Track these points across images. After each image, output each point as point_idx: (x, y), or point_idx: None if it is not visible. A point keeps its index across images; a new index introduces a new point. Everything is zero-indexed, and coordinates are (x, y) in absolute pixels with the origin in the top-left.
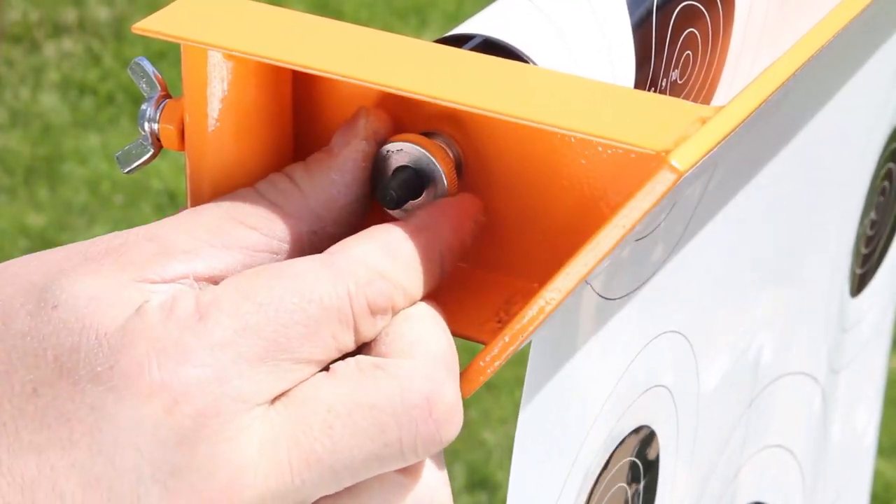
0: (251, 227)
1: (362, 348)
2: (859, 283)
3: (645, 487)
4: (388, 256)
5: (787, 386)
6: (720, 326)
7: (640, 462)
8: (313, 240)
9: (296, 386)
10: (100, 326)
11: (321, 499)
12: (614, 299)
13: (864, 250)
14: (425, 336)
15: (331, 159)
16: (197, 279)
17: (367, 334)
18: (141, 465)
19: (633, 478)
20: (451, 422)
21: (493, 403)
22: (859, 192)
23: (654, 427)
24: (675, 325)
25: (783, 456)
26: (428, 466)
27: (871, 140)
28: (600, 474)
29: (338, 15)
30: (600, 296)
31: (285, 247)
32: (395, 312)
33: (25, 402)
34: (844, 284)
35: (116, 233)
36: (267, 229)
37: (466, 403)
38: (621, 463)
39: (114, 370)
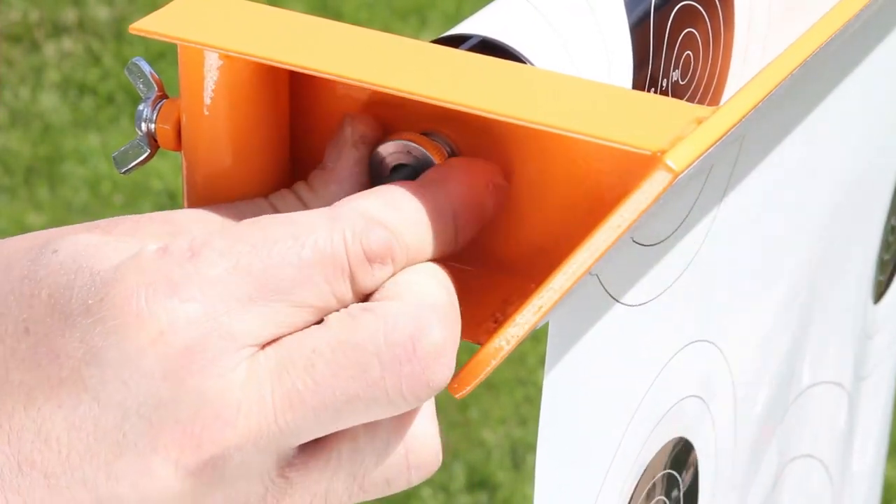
0: None
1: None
2: (882, 290)
3: (685, 498)
4: (391, 208)
5: (819, 395)
6: (752, 336)
7: (677, 474)
8: None
9: (288, 333)
10: (95, 264)
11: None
12: (635, 306)
13: (886, 256)
14: (420, 282)
15: (328, 174)
16: None
17: (365, 284)
18: (126, 399)
19: (672, 490)
20: (439, 363)
21: (492, 403)
22: (884, 197)
23: (689, 438)
24: (704, 335)
25: (813, 465)
26: (419, 420)
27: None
28: (636, 487)
29: (337, 15)
30: (619, 301)
31: None
32: (396, 264)
33: (17, 341)
34: (869, 291)
35: (132, 215)
36: None
37: (466, 403)
38: (658, 475)
39: (103, 302)
